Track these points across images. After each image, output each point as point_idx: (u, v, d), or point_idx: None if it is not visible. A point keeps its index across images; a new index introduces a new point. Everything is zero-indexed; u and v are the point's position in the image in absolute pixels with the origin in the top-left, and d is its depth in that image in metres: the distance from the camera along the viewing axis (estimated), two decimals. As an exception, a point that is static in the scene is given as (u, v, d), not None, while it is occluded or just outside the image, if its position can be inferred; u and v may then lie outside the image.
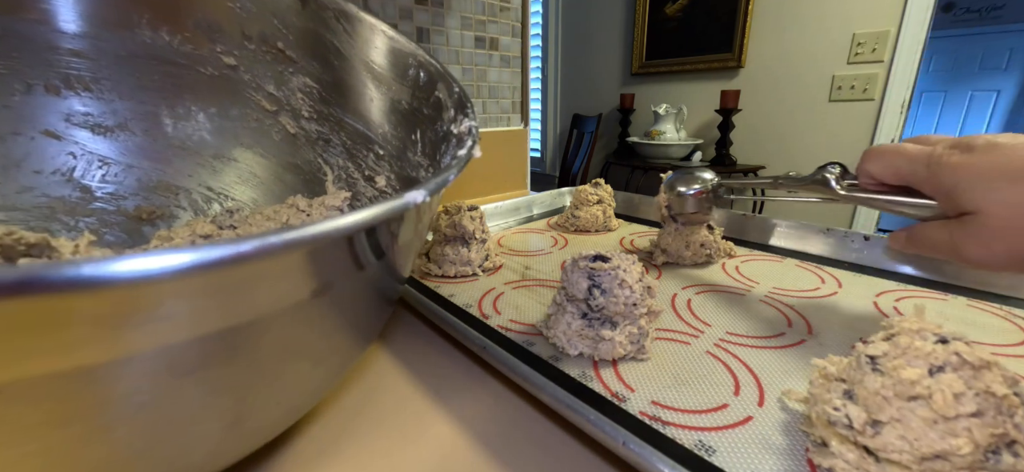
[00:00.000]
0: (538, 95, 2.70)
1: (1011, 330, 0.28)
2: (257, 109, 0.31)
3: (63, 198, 0.27)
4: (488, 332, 0.28)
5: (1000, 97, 2.38)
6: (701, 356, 0.25)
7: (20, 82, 0.25)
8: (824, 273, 0.37)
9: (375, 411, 0.23)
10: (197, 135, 0.30)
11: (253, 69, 0.30)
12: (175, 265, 0.08)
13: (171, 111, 0.29)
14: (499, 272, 0.38)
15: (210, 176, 0.31)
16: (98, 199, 0.28)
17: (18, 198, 0.26)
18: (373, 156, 0.30)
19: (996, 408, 0.15)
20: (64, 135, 0.27)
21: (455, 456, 0.20)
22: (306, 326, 0.14)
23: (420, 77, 0.26)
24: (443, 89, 0.25)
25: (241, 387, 0.13)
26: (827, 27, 1.56)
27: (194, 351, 0.11)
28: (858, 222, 1.62)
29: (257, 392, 0.14)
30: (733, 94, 1.67)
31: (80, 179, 0.28)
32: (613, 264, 0.25)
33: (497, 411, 0.23)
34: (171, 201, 0.30)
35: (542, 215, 0.58)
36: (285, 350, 0.14)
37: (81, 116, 0.27)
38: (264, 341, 0.13)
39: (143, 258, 0.08)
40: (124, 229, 0.29)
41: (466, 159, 0.19)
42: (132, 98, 0.28)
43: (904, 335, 0.17)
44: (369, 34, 0.29)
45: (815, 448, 0.18)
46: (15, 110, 0.25)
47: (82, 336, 0.09)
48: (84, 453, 0.11)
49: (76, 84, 0.26)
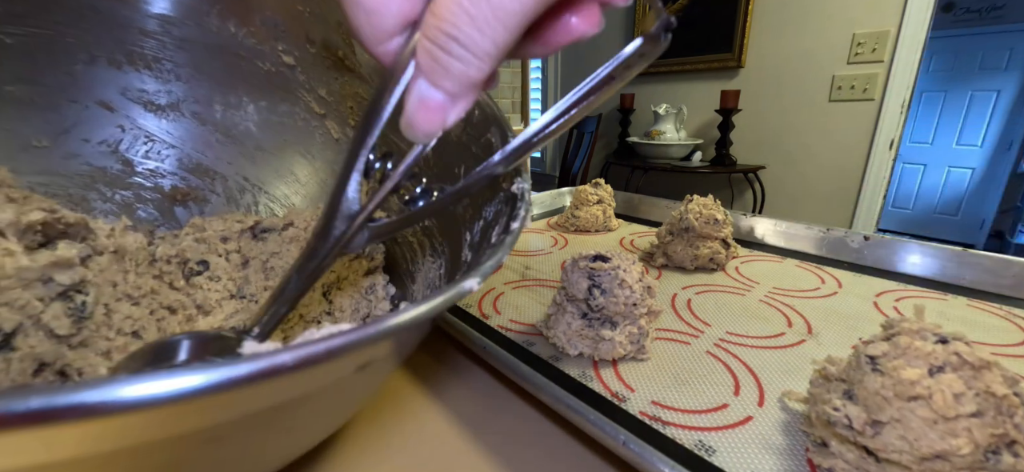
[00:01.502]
0: (538, 95, 2.70)
1: (1011, 330, 0.28)
2: (306, 110, 0.31)
3: (105, 169, 0.28)
4: (488, 332, 0.28)
5: (1000, 97, 2.38)
6: (701, 356, 0.25)
7: (85, 53, 0.26)
8: (824, 273, 0.37)
9: (374, 411, 0.23)
10: (243, 125, 0.31)
11: (310, 71, 0.30)
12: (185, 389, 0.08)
13: (223, 99, 0.30)
14: (499, 272, 0.38)
15: (249, 166, 0.32)
16: (138, 174, 0.29)
17: (63, 163, 0.26)
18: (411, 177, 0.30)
19: (996, 408, 0.15)
20: (117, 107, 0.28)
21: (455, 456, 0.20)
22: (345, 391, 0.14)
23: (474, 114, 0.26)
24: (497, 134, 0.25)
25: (271, 443, 0.13)
26: (827, 27, 1.56)
27: (231, 427, 0.11)
28: (858, 222, 1.62)
29: (284, 443, 0.14)
30: (733, 94, 1.67)
31: (124, 152, 0.28)
32: (613, 264, 0.25)
33: (497, 411, 0.23)
34: (206, 186, 0.31)
35: (542, 215, 0.58)
36: (320, 411, 0.14)
37: (137, 91, 0.28)
38: (302, 410, 0.13)
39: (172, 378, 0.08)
40: (157, 207, 0.29)
41: (518, 233, 0.18)
42: (189, 81, 0.29)
43: (904, 335, 0.17)
44: None
45: (815, 448, 0.18)
46: (77, 78, 0.26)
47: (110, 431, 0.09)
48: None
49: (138, 61, 0.27)
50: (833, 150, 1.64)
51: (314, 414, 0.14)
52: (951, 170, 2.59)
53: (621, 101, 2.10)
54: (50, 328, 0.20)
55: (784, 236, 0.44)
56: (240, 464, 0.14)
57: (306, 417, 0.14)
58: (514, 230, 0.18)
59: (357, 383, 0.15)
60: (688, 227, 0.38)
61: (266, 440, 0.13)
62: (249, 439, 0.12)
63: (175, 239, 0.27)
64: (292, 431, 0.14)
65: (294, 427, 0.14)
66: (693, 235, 0.38)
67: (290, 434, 0.14)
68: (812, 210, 1.73)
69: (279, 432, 0.13)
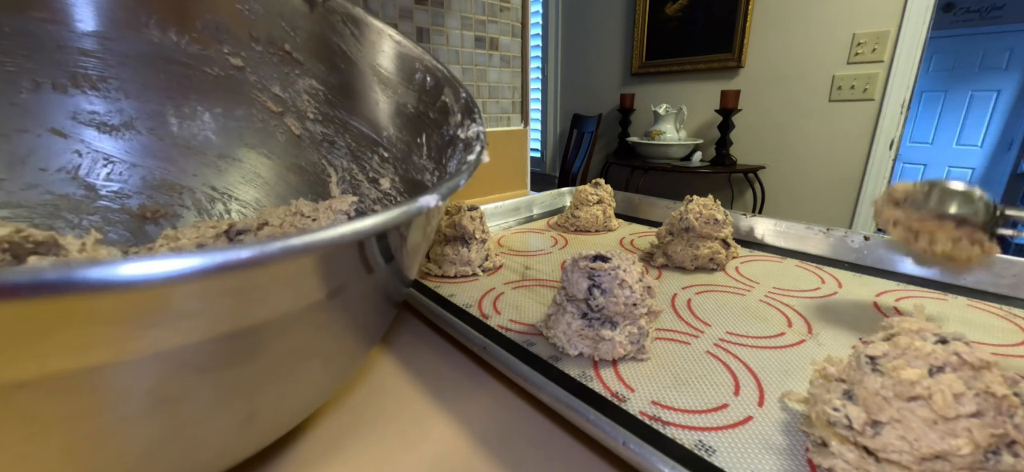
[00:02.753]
0: (538, 95, 2.70)
1: (1011, 330, 0.28)
2: (263, 110, 0.31)
3: (68, 195, 0.27)
4: (488, 332, 0.28)
5: (1000, 97, 2.38)
6: (701, 356, 0.25)
7: (28, 80, 0.25)
8: (824, 273, 0.37)
9: (375, 411, 0.23)
10: (202, 135, 0.31)
11: (260, 70, 0.30)
12: (198, 266, 0.08)
13: (177, 111, 0.30)
14: (499, 272, 0.38)
15: (214, 176, 0.31)
16: (102, 197, 0.28)
17: (23, 195, 0.26)
18: (378, 159, 0.30)
19: (996, 408, 0.15)
20: (70, 133, 0.27)
21: (455, 456, 0.20)
22: (318, 327, 0.14)
23: (426, 81, 0.26)
24: (450, 94, 0.25)
25: (255, 385, 0.13)
26: (827, 27, 1.56)
27: (212, 349, 0.11)
28: (858, 222, 1.62)
29: (270, 390, 0.14)
30: (733, 94, 1.67)
31: (85, 177, 0.28)
32: (613, 264, 0.25)
33: (497, 411, 0.23)
34: (175, 200, 0.30)
35: (542, 215, 0.58)
36: (298, 350, 0.14)
37: (87, 114, 0.27)
38: (279, 341, 0.13)
39: (169, 259, 0.08)
40: (128, 227, 0.29)
41: (476, 164, 0.19)
42: (138, 97, 0.28)
43: (904, 335, 0.17)
44: (376, 38, 0.29)
45: (815, 448, 0.18)
46: (22, 107, 0.25)
47: (103, 335, 0.09)
48: (103, 447, 0.11)
49: (83, 82, 0.27)
50: (833, 150, 1.64)
51: (292, 357, 0.14)
52: (951, 170, 2.59)
53: (621, 101, 2.10)
54: None
55: (784, 236, 0.44)
56: (217, 431, 0.14)
57: (284, 358, 0.13)
58: (470, 161, 0.19)
59: (330, 325, 0.15)
60: (688, 227, 0.38)
61: (253, 378, 0.13)
62: (236, 376, 0.12)
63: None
64: (267, 386, 0.14)
65: (270, 380, 0.14)
66: (693, 235, 0.38)
67: (266, 394, 0.14)
68: (812, 210, 1.73)
69: (261, 370, 0.13)
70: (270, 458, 0.20)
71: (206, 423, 0.13)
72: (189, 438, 0.13)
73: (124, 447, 0.12)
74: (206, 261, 0.08)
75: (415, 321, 0.32)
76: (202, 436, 0.13)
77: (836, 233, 0.41)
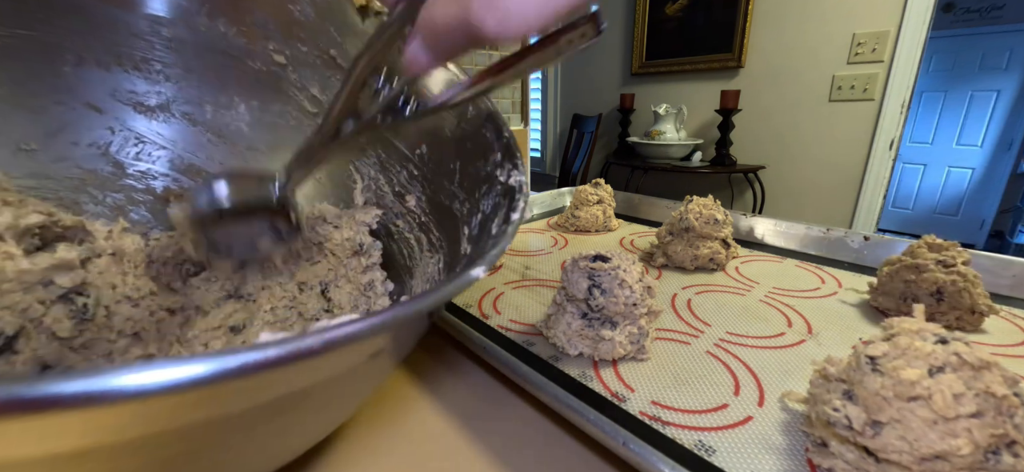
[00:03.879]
0: (538, 95, 2.70)
1: (1011, 330, 0.28)
2: (298, 109, 0.31)
3: (95, 171, 0.27)
4: (488, 332, 0.28)
5: (1000, 97, 2.38)
6: (701, 356, 0.25)
7: (73, 54, 0.25)
8: (824, 273, 0.37)
9: (375, 411, 0.23)
10: (235, 125, 0.31)
11: (301, 71, 0.30)
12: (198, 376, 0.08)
13: (214, 99, 0.30)
14: (499, 272, 0.38)
15: (241, 166, 0.31)
16: (129, 176, 0.28)
17: (52, 167, 0.26)
18: (406, 174, 0.30)
19: (996, 409, 0.15)
20: (106, 109, 0.27)
21: (454, 456, 0.20)
22: (353, 382, 0.15)
23: (469, 110, 0.26)
24: (491, 129, 0.25)
25: (284, 431, 0.14)
26: (827, 27, 1.56)
27: (249, 416, 0.11)
28: (858, 222, 1.62)
29: (296, 431, 0.14)
30: (733, 94, 1.67)
31: (115, 154, 0.28)
32: (613, 264, 0.25)
33: (497, 411, 0.23)
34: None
35: (542, 215, 0.58)
36: (329, 402, 0.14)
37: (127, 93, 0.28)
38: (311, 400, 0.13)
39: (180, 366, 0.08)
40: (149, 209, 0.29)
41: (518, 223, 0.19)
42: (179, 82, 0.29)
43: (904, 335, 0.17)
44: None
45: (815, 448, 0.18)
46: (64, 80, 0.26)
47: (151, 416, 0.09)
48: None
49: (127, 62, 0.27)
50: (833, 150, 1.64)
51: (322, 405, 0.14)
52: (951, 170, 2.59)
53: (621, 101, 2.10)
54: (52, 331, 0.20)
55: (784, 236, 0.44)
56: (247, 459, 0.14)
57: (315, 408, 0.14)
58: (514, 220, 0.18)
59: (365, 374, 0.15)
60: (688, 227, 0.38)
61: (277, 430, 0.13)
62: (258, 430, 0.13)
63: (170, 240, 0.26)
64: (300, 423, 0.14)
65: (303, 419, 0.14)
66: (693, 235, 0.38)
67: (298, 426, 0.14)
68: (812, 210, 1.73)
69: (289, 423, 0.13)
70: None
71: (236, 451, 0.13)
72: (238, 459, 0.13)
73: None
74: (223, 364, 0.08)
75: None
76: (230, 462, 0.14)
77: (836, 233, 0.41)
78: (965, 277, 0.28)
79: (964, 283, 0.27)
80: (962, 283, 0.27)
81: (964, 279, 0.28)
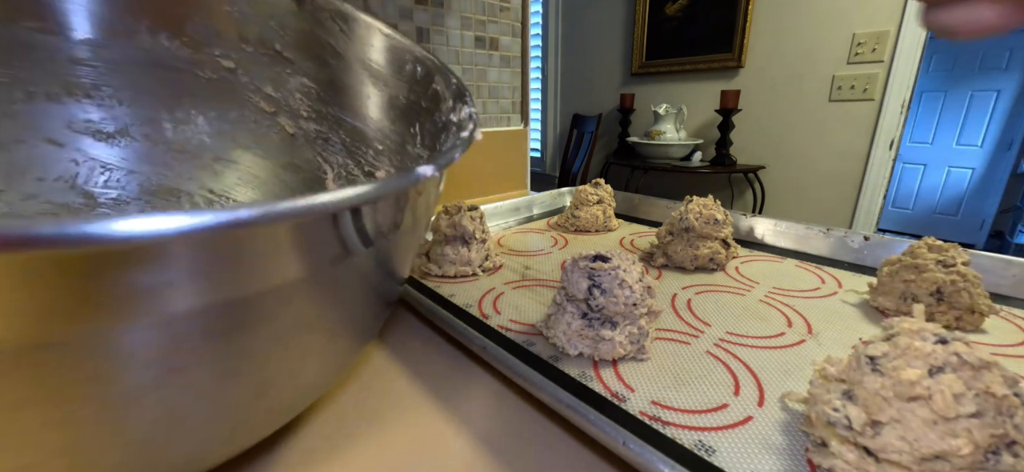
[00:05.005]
0: (538, 95, 2.70)
1: (1011, 330, 0.28)
2: (256, 111, 0.31)
3: (67, 204, 0.27)
4: (488, 332, 0.28)
5: (1000, 97, 2.38)
6: (701, 356, 0.25)
7: (21, 90, 0.25)
8: (824, 273, 0.37)
9: (375, 411, 0.23)
10: (197, 138, 0.30)
11: (251, 71, 0.30)
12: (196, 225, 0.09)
13: (171, 115, 0.30)
14: (499, 272, 0.38)
15: (211, 178, 0.31)
16: (101, 205, 0.28)
17: (23, 205, 0.26)
18: (372, 152, 0.30)
19: (996, 409, 0.15)
20: (66, 142, 0.27)
21: (455, 456, 0.20)
22: (314, 302, 0.14)
23: (417, 72, 0.26)
24: (441, 81, 0.25)
25: (260, 356, 0.14)
26: (827, 27, 1.56)
27: (214, 315, 0.11)
28: (858, 222, 1.62)
29: (274, 362, 0.14)
30: (733, 94, 1.67)
31: (83, 185, 0.28)
32: (613, 264, 0.25)
33: (497, 411, 0.23)
34: (173, 205, 0.30)
35: (542, 215, 0.58)
36: (298, 322, 0.14)
37: (82, 123, 0.27)
38: (279, 310, 0.13)
39: (156, 218, 0.08)
40: None
41: (469, 141, 0.19)
42: (132, 103, 0.28)
43: (904, 335, 0.17)
44: (366, 33, 0.29)
45: (815, 448, 0.18)
46: (17, 118, 0.25)
47: (99, 297, 0.09)
48: (123, 415, 0.11)
49: (76, 91, 0.27)
50: (833, 150, 1.64)
51: (289, 331, 0.14)
52: (951, 170, 2.59)
53: (621, 101, 2.11)
54: None
55: (784, 236, 0.44)
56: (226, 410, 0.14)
57: (280, 336, 0.14)
58: (464, 137, 0.19)
59: (335, 294, 0.15)
60: (688, 227, 0.38)
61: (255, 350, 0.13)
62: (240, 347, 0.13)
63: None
64: (264, 363, 0.14)
65: (267, 359, 0.14)
66: (693, 235, 0.38)
67: (260, 372, 0.14)
68: (812, 210, 1.73)
69: (249, 354, 0.13)
70: (265, 456, 0.20)
71: (218, 395, 0.13)
72: (205, 410, 0.13)
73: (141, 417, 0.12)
74: (201, 220, 0.09)
75: (415, 321, 0.32)
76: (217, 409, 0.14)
77: (836, 233, 0.41)
78: (965, 277, 0.28)
79: (964, 283, 0.27)
80: (962, 283, 0.27)
81: (964, 279, 0.28)
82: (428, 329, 0.31)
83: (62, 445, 0.11)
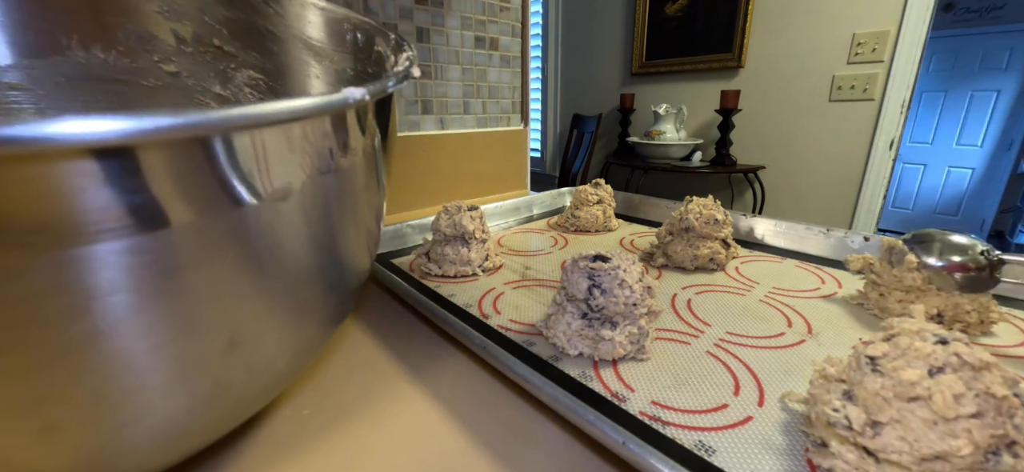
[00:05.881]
0: (538, 95, 2.70)
1: (1011, 330, 0.28)
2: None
3: None
4: (488, 332, 0.28)
5: (1000, 97, 2.38)
6: (701, 356, 0.25)
7: None
8: (824, 273, 0.37)
9: (375, 411, 0.23)
10: None
11: (195, 72, 0.29)
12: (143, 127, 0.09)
13: None
14: (499, 272, 0.38)
15: None
16: None
17: None
18: None
19: (996, 409, 0.15)
20: None
21: (453, 455, 0.20)
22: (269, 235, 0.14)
23: (358, 39, 0.26)
24: (382, 42, 0.25)
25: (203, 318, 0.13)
26: (827, 27, 1.56)
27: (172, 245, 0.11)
28: (858, 222, 1.62)
29: (236, 311, 0.14)
30: (733, 94, 1.67)
31: None
32: (613, 264, 0.25)
33: (497, 411, 0.23)
34: None
35: (542, 215, 0.58)
36: (235, 273, 0.14)
37: None
38: (210, 261, 0.13)
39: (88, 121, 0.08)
40: None
41: (405, 73, 0.19)
42: None
43: (904, 335, 0.17)
44: (300, 10, 0.28)
45: (815, 448, 0.18)
46: None
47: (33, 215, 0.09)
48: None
49: (18, 116, 0.25)
50: (833, 150, 1.64)
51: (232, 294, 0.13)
52: (951, 170, 2.59)
53: (621, 101, 2.11)
54: None
55: (784, 236, 0.44)
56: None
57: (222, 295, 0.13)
58: (398, 72, 0.19)
59: (272, 240, 0.14)
60: (688, 227, 0.38)
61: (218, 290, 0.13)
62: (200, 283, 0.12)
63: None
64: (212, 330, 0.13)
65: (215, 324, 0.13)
66: (693, 235, 0.38)
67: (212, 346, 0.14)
68: (812, 210, 1.73)
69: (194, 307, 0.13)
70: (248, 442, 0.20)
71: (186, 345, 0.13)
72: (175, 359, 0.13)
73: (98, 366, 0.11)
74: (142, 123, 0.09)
75: (415, 321, 0.32)
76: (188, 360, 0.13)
77: (836, 233, 0.41)
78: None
79: (972, 305, 0.27)
80: (970, 305, 0.27)
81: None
82: (428, 329, 0.31)
83: (26, 398, 0.11)
